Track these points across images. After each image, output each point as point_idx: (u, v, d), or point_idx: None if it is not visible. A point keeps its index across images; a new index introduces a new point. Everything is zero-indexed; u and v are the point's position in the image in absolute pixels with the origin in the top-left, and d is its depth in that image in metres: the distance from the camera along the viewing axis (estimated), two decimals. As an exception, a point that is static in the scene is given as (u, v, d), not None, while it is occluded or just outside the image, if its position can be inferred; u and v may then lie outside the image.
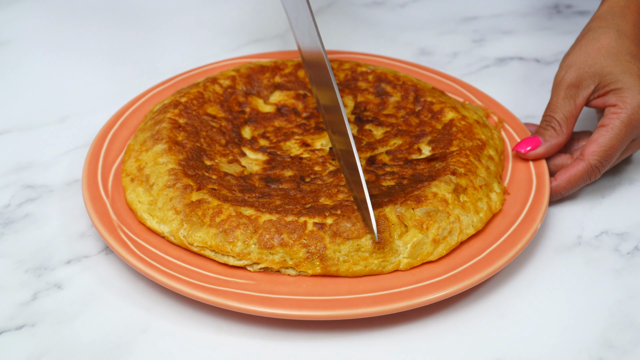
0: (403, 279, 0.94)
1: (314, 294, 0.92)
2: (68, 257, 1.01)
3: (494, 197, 1.03)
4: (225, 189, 1.01)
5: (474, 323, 0.94)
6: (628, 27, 1.09)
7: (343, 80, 1.23)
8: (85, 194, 1.03)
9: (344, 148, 1.00)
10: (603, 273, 1.00)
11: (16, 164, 1.15)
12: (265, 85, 1.22)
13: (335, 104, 0.99)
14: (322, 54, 0.99)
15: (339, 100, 0.97)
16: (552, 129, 1.08)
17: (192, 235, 0.97)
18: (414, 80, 1.22)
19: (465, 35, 1.47)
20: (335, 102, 0.98)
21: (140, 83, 1.29)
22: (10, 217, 1.07)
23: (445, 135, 1.11)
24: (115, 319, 0.94)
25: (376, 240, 0.94)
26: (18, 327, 0.92)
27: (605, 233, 1.06)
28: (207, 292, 0.91)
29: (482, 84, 1.29)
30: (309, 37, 1.04)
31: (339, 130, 1.01)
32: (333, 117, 1.02)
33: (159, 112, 1.13)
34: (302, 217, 0.96)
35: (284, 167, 1.07)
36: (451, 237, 0.98)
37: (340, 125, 0.99)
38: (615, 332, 0.93)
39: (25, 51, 1.40)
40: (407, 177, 1.05)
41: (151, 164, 1.05)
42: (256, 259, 0.95)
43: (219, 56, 1.38)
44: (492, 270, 0.94)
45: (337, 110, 0.99)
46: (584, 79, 1.07)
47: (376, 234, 0.93)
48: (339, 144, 1.03)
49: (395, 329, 0.93)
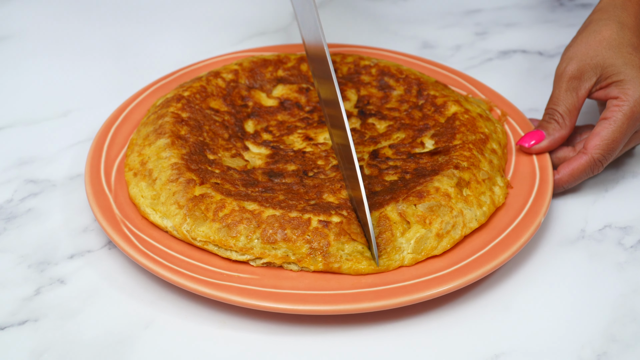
0: (406, 274, 0.94)
1: (318, 289, 0.92)
2: (71, 252, 1.01)
3: (497, 190, 1.03)
4: (229, 183, 1.01)
5: (478, 317, 0.94)
6: (629, 19, 1.09)
7: (346, 73, 1.23)
8: (88, 188, 1.03)
9: (343, 143, 1.00)
10: (606, 267, 1.00)
11: (19, 158, 1.15)
12: (268, 79, 1.21)
13: (335, 99, 0.99)
14: (324, 49, 0.99)
15: (339, 97, 0.97)
16: (555, 122, 1.08)
17: (195, 229, 0.97)
18: (417, 73, 1.22)
19: (468, 28, 1.47)
20: (335, 98, 0.98)
21: (142, 77, 1.29)
22: (13, 212, 1.07)
23: (448, 128, 1.11)
24: (119, 313, 0.94)
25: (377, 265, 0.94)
26: (21, 322, 0.93)
27: (609, 226, 1.06)
28: (210, 287, 0.91)
29: (485, 77, 1.29)
30: (312, 31, 1.04)
31: (338, 125, 1.01)
32: (333, 111, 1.02)
33: (162, 106, 1.13)
34: (307, 214, 0.96)
35: (287, 161, 1.07)
36: (455, 231, 0.98)
37: (339, 121, 0.99)
38: (619, 326, 0.93)
39: (27, 46, 1.40)
40: (410, 171, 1.05)
41: (154, 158, 1.05)
42: (259, 253, 0.95)
43: (221, 50, 1.38)
44: (496, 264, 0.94)
45: (336, 106, 0.99)
46: (586, 71, 1.07)
47: (377, 258, 0.93)
48: (338, 139, 1.03)
49: (398, 323, 0.93)
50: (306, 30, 1.08)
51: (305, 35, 1.09)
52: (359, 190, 0.94)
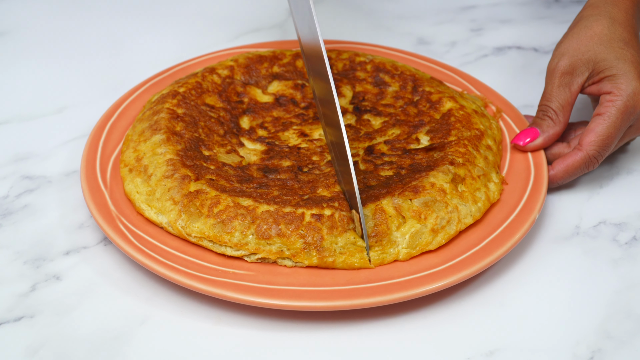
0: (401, 270, 0.94)
1: (313, 285, 0.92)
2: (67, 248, 1.01)
3: (492, 187, 1.03)
4: (224, 180, 1.01)
5: (472, 313, 0.94)
6: (620, 15, 1.09)
7: (341, 70, 1.23)
8: (84, 184, 1.03)
9: (337, 141, 1.00)
10: (601, 263, 1.00)
11: (14, 155, 1.15)
12: (264, 75, 1.22)
13: (329, 96, 0.99)
14: (320, 46, 0.99)
15: (334, 93, 0.97)
16: (549, 118, 1.08)
17: (190, 225, 0.97)
18: (412, 70, 1.22)
19: (463, 25, 1.47)
20: (329, 95, 0.98)
21: (138, 73, 1.29)
22: (9, 208, 1.07)
23: (443, 125, 1.11)
24: (114, 310, 0.94)
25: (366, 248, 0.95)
26: (17, 318, 0.93)
27: (603, 223, 1.06)
28: (206, 283, 0.91)
29: (480, 74, 1.29)
30: (308, 28, 1.04)
31: (332, 122, 1.01)
32: (327, 109, 1.03)
33: (157, 103, 1.13)
34: (300, 208, 0.96)
35: (282, 157, 1.08)
36: (450, 226, 0.98)
37: (333, 117, 0.99)
38: (613, 322, 0.93)
39: (22, 42, 1.40)
40: (406, 167, 1.05)
41: (149, 154, 1.05)
42: (253, 249, 0.95)
43: (217, 46, 1.38)
44: (491, 260, 0.95)
45: (331, 102, 0.99)
46: (578, 66, 1.07)
47: (367, 242, 0.94)
48: (332, 136, 1.03)
49: (393, 319, 0.93)
50: (302, 26, 1.08)
51: (301, 32, 1.09)
52: (352, 184, 0.94)
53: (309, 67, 1.11)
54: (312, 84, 1.11)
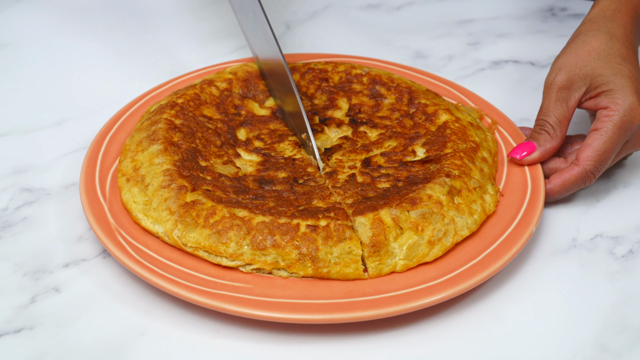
0: (399, 282, 0.95)
1: (310, 298, 0.93)
2: (66, 260, 1.01)
3: (487, 198, 1.04)
4: (220, 190, 1.02)
5: (469, 326, 0.94)
6: (619, 30, 1.09)
7: (338, 82, 1.24)
8: (83, 197, 1.03)
9: (293, 110, 1.06)
10: (598, 276, 1.01)
11: (14, 167, 1.15)
12: (262, 90, 1.22)
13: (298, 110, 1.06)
14: (280, 57, 1.02)
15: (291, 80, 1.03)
16: (546, 132, 1.08)
17: (186, 235, 0.97)
18: (408, 82, 1.22)
19: (461, 39, 1.47)
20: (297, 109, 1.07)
21: (137, 86, 1.30)
22: (8, 221, 1.07)
23: (439, 137, 1.11)
24: (113, 322, 0.94)
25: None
26: (16, 330, 0.93)
27: (600, 236, 1.06)
28: (204, 296, 0.91)
29: (477, 87, 1.29)
30: (264, 42, 1.07)
31: (286, 91, 1.07)
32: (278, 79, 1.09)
33: (156, 113, 1.13)
34: (295, 219, 0.97)
35: (278, 169, 1.08)
36: (446, 238, 0.98)
37: (287, 86, 1.06)
38: (610, 335, 0.94)
39: (22, 54, 1.41)
40: (402, 179, 1.05)
41: (147, 164, 1.05)
42: (249, 259, 0.95)
43: (215, 59, 1.38)
44: (488, 273, 0.95)
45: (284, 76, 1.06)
46: (575, 81, 1.08)
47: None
48: (288, 107, 1.10)
49: (390, 332, 0.93)
50: (257, 43, 1.10)
51: (258, 49, 1.12)
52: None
53: (269, 85, 1.17)
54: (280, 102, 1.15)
